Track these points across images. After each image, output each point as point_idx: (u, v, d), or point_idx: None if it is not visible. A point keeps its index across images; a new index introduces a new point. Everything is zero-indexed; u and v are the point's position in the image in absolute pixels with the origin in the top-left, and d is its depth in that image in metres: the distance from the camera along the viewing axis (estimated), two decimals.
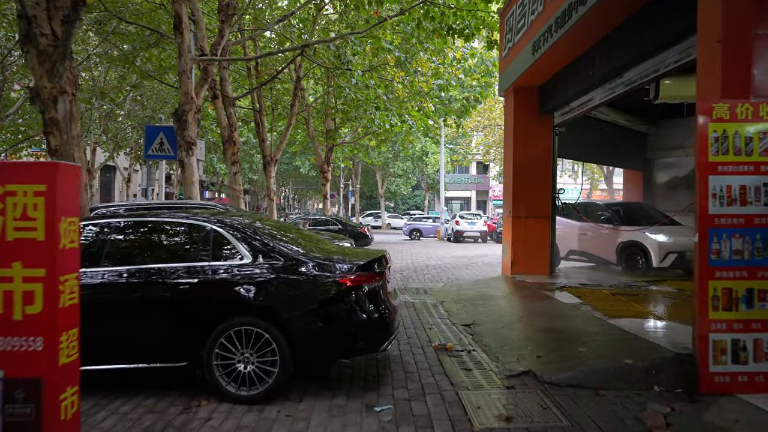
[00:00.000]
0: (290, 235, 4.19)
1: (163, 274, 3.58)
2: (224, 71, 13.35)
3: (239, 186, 13.39)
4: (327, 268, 3.62)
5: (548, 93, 8.49)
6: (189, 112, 9.56)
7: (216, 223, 3.80)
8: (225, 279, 3.55)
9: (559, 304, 6.14)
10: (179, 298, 3.54)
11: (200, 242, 3.75)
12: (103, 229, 3.85)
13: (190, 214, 4.00)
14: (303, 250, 3.81)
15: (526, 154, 8.86)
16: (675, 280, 8.35)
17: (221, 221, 3.82)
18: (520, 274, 8.78)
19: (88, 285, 3.52)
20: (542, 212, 8.89)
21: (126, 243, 3.88)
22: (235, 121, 13.22)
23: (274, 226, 4.33)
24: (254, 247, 3.68)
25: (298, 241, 4.09)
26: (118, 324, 3.57)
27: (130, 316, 3.58)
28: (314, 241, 4.31)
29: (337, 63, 12.14)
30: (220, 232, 3.74)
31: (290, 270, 3.58)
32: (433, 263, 13.08)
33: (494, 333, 5.21)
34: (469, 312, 6.33)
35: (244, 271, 3.57)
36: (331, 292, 3.55)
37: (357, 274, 3.60)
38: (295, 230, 4.58)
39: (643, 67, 5.79)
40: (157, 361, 3.53)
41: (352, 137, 21.51)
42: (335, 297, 3.55)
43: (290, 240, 4.01)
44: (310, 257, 3.70)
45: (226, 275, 3.56)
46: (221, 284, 3.56)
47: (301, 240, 4.16)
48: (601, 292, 7.03)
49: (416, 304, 7.18)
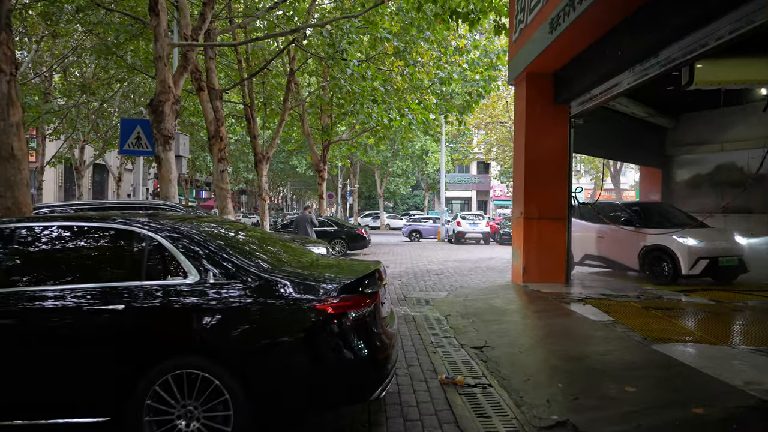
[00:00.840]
0: (257, 245, 3.27)
1: (76, 298, 2.66)
2: (210, 62, 12.43)
3: (226, 185, 12.48)
4: (301, 289, 2.71)
5: (565, 80, 7.58)
6: (166, 103, 8.68)
7: (154, 230, 2.87)
8: (161, 305, 2.63)
9: (585, 321, 5.23)
10: (97, 332, 2.62)
11: (131, 255, 2.83)
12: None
13: (129, 218, 3.08)
14: (270, 265, 2.90)
15: (539, 149, 7.95)
16: (707, 289, 7.45)
17: (161, 227, 2.89)
18: (532, 283, 7.87)
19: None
20: (557, 213, 7.98)
21: (27, 255, 2.96)
22: (222, 116, 12.32)
23: (239, 232, 3.42)
24: (204, 262, 2.75)
25: (266, 253, 3.17)
26: (9, 367, 2.66)
27: (28, 355, 2.66)
28: (290, 253, 3.39)
29: (332, 52, 11.22)
30: (159, 241, 2.82)
31: (251, 293, 2.66)
32: (435, 268, 12.16)
33: (512, 360, 4.29)
34: (480, 330, 5.41)
35: (188, 295, 2.65)
36: (305, 322, 2.64)
37: (341, 298, 2.69)
38: (272, 239, 3.66)
39: (688, 41, 4.88)
40: (67, 415, 2.61)
41: (349, 134, 20.60)
42: (311, 330, 2.63)
43: (255, 252, 3.09)
44: (280, 275, 2.78)
45: (163, 300, 2.64)
46: (156, 312, 2.64)
47: (272, 251, 3.24)
48: (630, 305, 6.12)
49: (417, 318, 6.26)
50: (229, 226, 3.51)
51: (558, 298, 6.70)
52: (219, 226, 3.39)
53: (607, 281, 8.48)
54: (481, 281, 9.47)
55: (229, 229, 3.42)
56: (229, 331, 2.60)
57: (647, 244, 8.27)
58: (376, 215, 41.08)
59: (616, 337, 4.59)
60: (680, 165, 11.15)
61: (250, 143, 16.57)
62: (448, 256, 15.86)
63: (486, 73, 15.49)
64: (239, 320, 2.62)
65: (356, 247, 16.76)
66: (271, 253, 3.12)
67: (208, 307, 2.62)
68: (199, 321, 2.61)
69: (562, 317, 5.53)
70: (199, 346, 2.60)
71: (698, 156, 10.66)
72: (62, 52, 16.89)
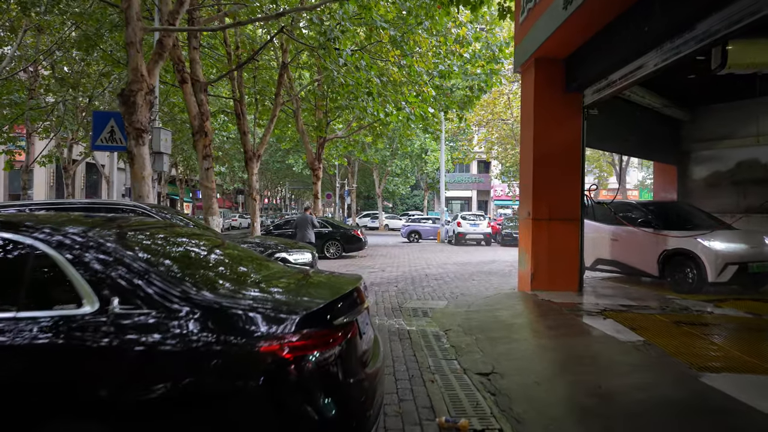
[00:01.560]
0: (206, 261, 2.49)
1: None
2: (194, 52, 11.66)
3: (212, 183, 11.71)
4: (244, 323, 1.91)
5: (578, 64, 6.80)
6: (138, 93, 7.91)
7: (44, 238, 2.07)
8: (39, 345, 1.85)
9: (610, 342, 4.44)
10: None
11: (8, 272, 2.04)
12: None
13: (6, 218, 2.28)
14: (209, 285, 2.10)
15: (549, 142, 7.17)
16: (738, 298, 6.68)
17: (51, 232, 2.09)
18: (541, 291, 7.09)
19: None
20: (569, 213, 7.20)
21: None
22: (207, 110, 11.55)
23: (194, 242, 2.64)
24: (109, 284, 1.96)
25: (210, 267, 2.39)
26: None
27: None
28: (249, 268, 2.61)
29: (323, 41, 10.43)
30: (48, 253, 2.02)
31: (172, 329, 1.87)
32: (434, 272, 11.37)
33: (528, 394, 3.50)
34: (485, 350, 4.63)
35: (79, 331, 1.86)
36: (245, 372, 1.85)
37: (301, 334, 1.91)
38: (234, 251, 2.87)
39: (734, 9, 4.10)
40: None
41: (345, 132, 19.81)
42: (254, 383, 1.84)
43: (198, 270, 2.31)
44: (218, 300, 1.98)
45: (42, 338, 1.86)
46: (31, 355, 1.85)
47: (225, 268, 2.46)
48: (657, 319, 5.34)
49: (413, 333, 5.48)
50: (182, 235, 2.72)
51: (572, 309, 5.91)
52: (168, 235, 2.60)
53: (623, 289, 7.69)
54: (483, 288, 8.69)
55: (177, 238, 2.63)
56: (136, 384, 1.82)
57: (668, 247, 7.48)
58: (375, 215, 40.28)
59: (653, 364, 3.81)
60: (698, 161, 10.36)
61: (240, 140, 15.80)
62: (448, 258, 15.08)
63: (488, 66, 14.71)
64: (151, 369, 1.83)
65: (352, 249, 15.98)
66: (222, 269, 2.33)
67: (107, 348, 1.83)
68: (92, 369, 1.82)
69: (581, 335, 4.74)
70: (91, 406, 1.81)
71: (718, 152, 9.87)
72: (48, 47, 16.11)
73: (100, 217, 2.53)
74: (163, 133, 11.35)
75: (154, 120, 12.24)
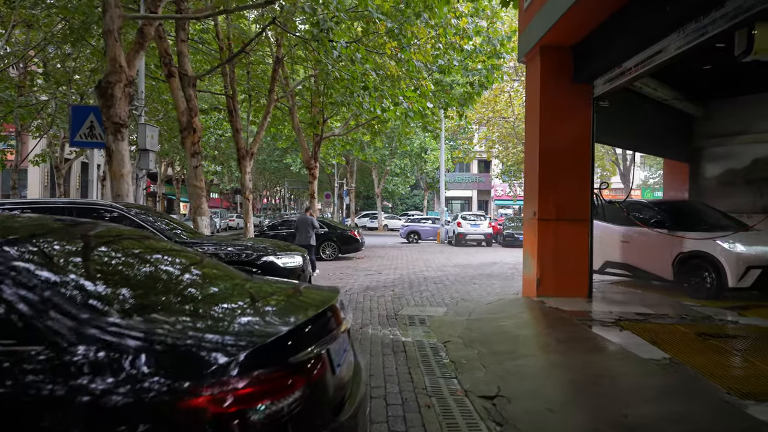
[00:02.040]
0: (145, 276, 1.98)
1: None
2: (182, 44, 11.13)
3: (201, 182, 11.19)
4: (168, 363, 1.40)
5: (588, 52, 6.28)
6: (116, 85, 7.42)
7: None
8: None
9: (631, 360, 3.92)
10: None
11: None
12: None
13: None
14: (130, 315, 1.59)
15: (556, 137, 6.65)
16: (760, 305, 6.16)
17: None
18: (548, 297, 6.56)
19: None
20: (578, 214, 6.68)
21: None
22: (195, 105, 11.02)
23: (136, 248, 2.13)
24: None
25: (148, 290, 1.88)
26: None
27: None
28: (207, 283, 2.10)
29: (316, 32, 9.91)
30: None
31: (58, 369, 1.36)
32: (433, 274, 10.86)
33: (540, 425, 2.99)
34: (489, 367, 4.11)
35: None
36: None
37: (247, 379, 1.40)
38: (194, 259, 2.36)
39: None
40: None
41: (342, 129, 19.28)
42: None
43: (124, 290, 1.79)
44: (135, 333, 1.47)
45: None
46: None
47: (165, 285, 1.94)
48: (679, 330, 4.82)
49: (409, 346, 4.97)
50: (133, 246, 2.20)
51: (584, 319, 5.39)
52: (111, 247, 2.08)
53: (635, 294, 7.17)
54: (485, 292, 8.18)
55: (122, 251, 2.11)
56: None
57: (684, 250, 6.97)
58: (374, 216, 39.75)
59: (684, 388, 3.29)
60: (711, 158, 9.82)
61: (233, 137, 15.29)
62: (447, 260, 14.56)
63: (489, 61, 14.21)
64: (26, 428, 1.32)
65: (348, 250, 15.46)
66: (160, 297, 1.80)
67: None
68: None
69: (597, 351, 4.22)
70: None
71: (733, 148, 9.34)
72: (38, 42, 15.60)
73: (30, 227, 2.01)
74: (149, 129, 10.82)
75: (140, 116, 11.74)
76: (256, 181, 51.31)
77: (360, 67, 10.52)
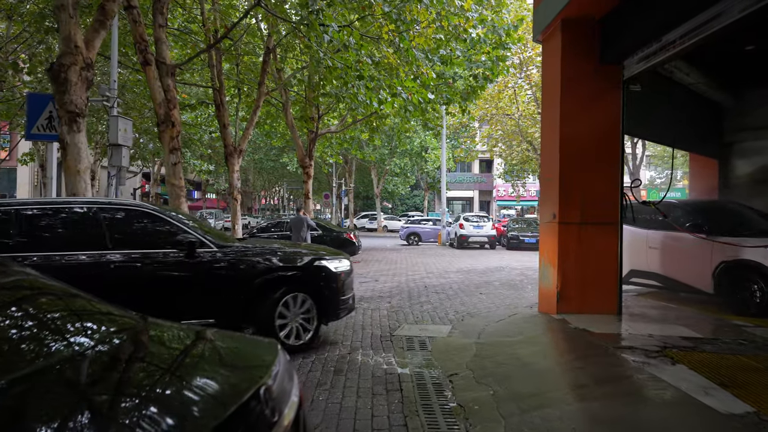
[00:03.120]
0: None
1: None
2: (160, 30, 10.13)
3: (180, 180, 10.17)
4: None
5: (620, 25, 5.30)
6: (71, 68, 6.50)
7: None
8: None
9: (700, 412, 2.92)
10: None
11: None
12: None
13: None
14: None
15: (579, 126, 5.67)
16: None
17: None
18: (571, 314, 5.58)
19: None
20: (606, 216, 5.69)
21: None
22: (174, 96, 10.01)
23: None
24: None
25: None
26: None
27: None
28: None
29: (305, 14, 8.93)
30: None
31: None
32: (434, 282, 9.87)
33: None
34: (510, 420, 3.13)
35: None
36: None
37: None
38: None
39: None
40: None
41: (339, 126, 18.30)
42: None
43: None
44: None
45: None
46: None
47: None
48: (747, 364, 3.83)
49: (405, 381, 3.98)
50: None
51: (617, 344, 4.41)
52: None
53: (670, 309, 6.19)
54: (494, 305, 7.19)
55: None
56: None
57: (727, 259, 5.98)
58: (374, 216, 38.76)
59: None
60: (743, 155, 8.83)
61: (220, 133, 14.33)
62: (450, 264, 13.58)
63: (494, 53, 13.23)
64: None
65: (344, 252, 14.49)
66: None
67: None
68: None
69: (653, 401, 3.21)
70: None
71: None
72: (20, 33, 14.64)
73: None
74: (121, 122, 9.84)
75: (111, 107, 10.71)
76: (255, 180, 50.28)
77: (354, 54, 9.54)
